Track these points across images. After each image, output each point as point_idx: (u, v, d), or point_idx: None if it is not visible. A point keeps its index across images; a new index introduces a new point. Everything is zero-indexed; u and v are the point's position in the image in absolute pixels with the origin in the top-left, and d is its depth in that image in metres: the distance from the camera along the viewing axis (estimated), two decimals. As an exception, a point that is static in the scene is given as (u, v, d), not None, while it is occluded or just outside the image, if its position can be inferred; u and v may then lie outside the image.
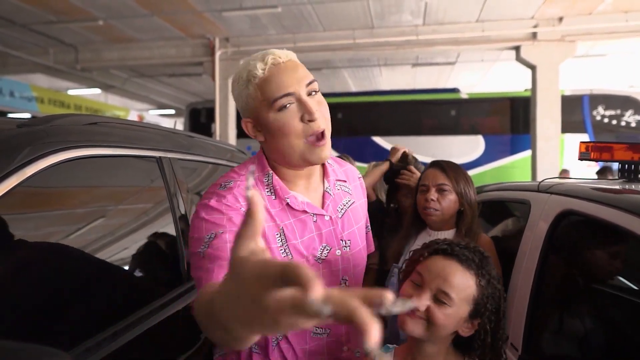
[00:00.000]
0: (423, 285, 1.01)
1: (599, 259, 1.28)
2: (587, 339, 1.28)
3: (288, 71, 0.97)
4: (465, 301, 0.98)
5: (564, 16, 7.41)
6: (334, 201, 1.14)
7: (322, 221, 1.10)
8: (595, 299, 1.31)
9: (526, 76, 8.37)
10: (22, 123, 1.11)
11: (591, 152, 1.46)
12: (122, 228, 1.36)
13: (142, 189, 1.52)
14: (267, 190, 1.05)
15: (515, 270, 1.46)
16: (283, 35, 8.36)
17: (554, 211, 1.36)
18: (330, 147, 1.02)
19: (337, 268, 1.12)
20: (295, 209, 1.06)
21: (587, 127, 9.17)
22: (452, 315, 0.97)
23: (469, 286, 0.99)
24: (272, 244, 1.03)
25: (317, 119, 0.96)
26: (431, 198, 1.62)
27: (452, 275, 0.98)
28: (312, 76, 1.01)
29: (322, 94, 1.06)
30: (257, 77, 0.97)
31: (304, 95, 0.97)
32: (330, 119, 1.11)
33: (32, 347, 0.56)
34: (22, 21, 7.86)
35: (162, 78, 12.16)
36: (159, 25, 8.08)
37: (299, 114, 0.97)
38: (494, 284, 1.02)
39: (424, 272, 1.02)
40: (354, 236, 1.17)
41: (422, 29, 7.95)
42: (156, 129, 1.72)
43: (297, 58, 1.04)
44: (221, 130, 8.78)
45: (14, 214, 0.98)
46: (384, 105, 10.32)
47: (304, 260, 1.05)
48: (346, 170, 1.27)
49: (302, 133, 0.98)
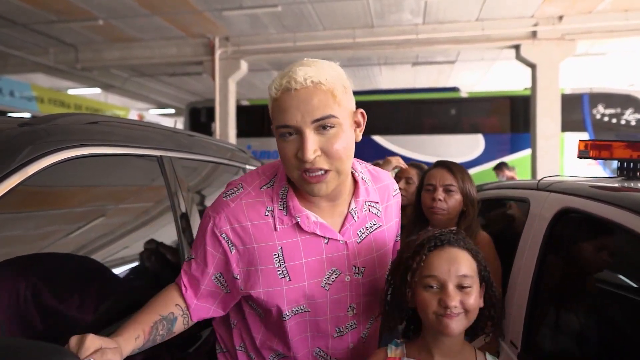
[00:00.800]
0: (442, 283, 1.00)
1: (599, 257, 1.29)
2: (586, 336, 1.28)
3: (298, 101, 0.88)
4: (476, 275, 1.04)
5: (564, 15, 7.40)
6: (355, 225, 1.07)
7: (336, 244, 1.04)
8: (594, 296, 1.32)
9: (526, 75, 8.37)
10: (24, 122, 1.11)
11: (590, 150, 1.46)
12: (122, 227, 1.36)
13: (143, 188, 1.53)
14: (280, 204, 1.01)
15: (514, 268, 1.47)
16: (283, 35, 8.35)
17: (553, 209, 1.37)
18: (333, 184, 0.94)
19: (344, 294, 1.07)
20: (305, 229, 1.01)
21: (587, 125, 9.18)
22: (476, 294, 1.02)
23: (472, 261, 1.04)
24: (267, 265, 1.00)
25: (309, 159, 0.88)
26: (439, 198, 1.66)
27: (459, 259, 1.02)
28: (331, 107, 0.89)
29: None
30: (272, 96, 0.93)
31: (307, 130, 0.88)
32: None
33: (35, 344, 0.57)
34: (23, 21, 7.86)
35: (162, 77, 12.16)
36: (159, 25, 8.08)
37: (296, 147, 0.90)
38: (477, 249, 1.10)
39: (434, 271, 1.01)
40: (370, 263, 1.10)
41: (422, 27, 7.95)
42: (157, 128, 1.73)
43: (328, 73, 0.91)
44: (221, 129, 8.79)
45: (15, 212, 0.99)
46: (384, 104, 10.31)
47: (303, 284, 1.02)
48: (382, 187, 1.17)
49: (296, 165, 0.92)
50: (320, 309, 1.06)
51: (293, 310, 1.04)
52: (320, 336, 1.09)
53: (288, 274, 1.01)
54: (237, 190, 1.03)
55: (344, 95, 0.93)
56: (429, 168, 1.82)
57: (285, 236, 1.00)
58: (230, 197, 1.03)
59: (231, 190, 1.04)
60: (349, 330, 1.11)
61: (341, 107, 0.92)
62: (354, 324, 1.11)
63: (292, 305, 1.03)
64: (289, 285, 1.01)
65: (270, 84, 0.93)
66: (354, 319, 1.11)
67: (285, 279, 1.01)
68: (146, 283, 1.41)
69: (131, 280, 1.35)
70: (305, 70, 0.89)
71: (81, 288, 1.12)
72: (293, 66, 0.92)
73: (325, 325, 1.08)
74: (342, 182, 0.98)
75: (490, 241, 1.63)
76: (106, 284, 1.23)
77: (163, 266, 1.50)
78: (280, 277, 1.01)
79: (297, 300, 1.03)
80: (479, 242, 1.58)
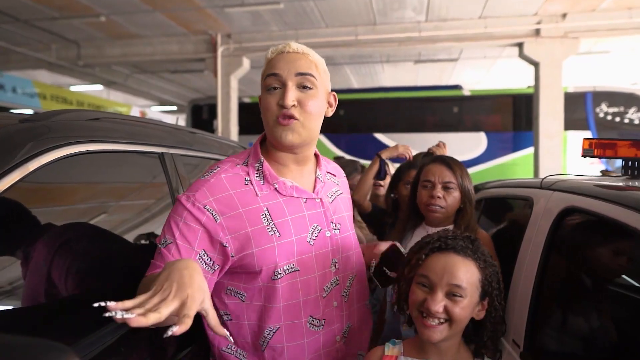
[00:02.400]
0: (432, 286, 1.01)
1: (602, 256, 1.28)
2: (589, 336, 1.27)
3: (289, 58, 1.09)
4: (475, 287, 1.01)
5: (567, 13, 7.37)
6: (324, 187, 1.21)
7: (312, 203, 1.16)
8: (598, 296, 1.31)
9: (529, 73, 8.34)
10: (25, 118, 1.11)
11: (595, 149, 1.45)
12: (124, 224, 1.36)
13: (145, 184, 1.52)
14: (257, 176, 1.12)
15: (517, 267, 1.46)
16: (285, 32, 8.34)
17: (557, 208, 1.36)
18: (297, 135, 1.08)
19: (327, 249, 1.16)
20: (283, 193, 1.12)
21: (590, 124, 9.14)
22: (467, 306, 1.00)
23: (473, 272, 1.02)
24: (257, 225, 1.06)
25: (288, 106, 1.04)
26: (437, 195, 1.60)
27: (456, 268, 1.00)
28: (313, 71, 1.09)
29: None
30: (267, 58, 1.12)
31: (290, 82, 1.06)
32: (332, 115, 1.19)
33: (34, 341, 0.56)
34: (25, 17, 7.86)
35: (164, 74, 12.16)
36: (161, 22, 8.07)
37: (278, 97, 1.06)
38: (490, 262, 1.07)
39: (429, 273, 1.03)
40: (343, 221, 1.24)
41: (425, 25, 7.93)
42: (159, 124, 1.72)
43: (315, 55, 1.13)
44: (223, 126, 8.78)
45: (16, 210, 0.98)
46: (386, 102, 10.29)
47: (291, 239, 1.09)
48: (336, 167, 1.39)
49: (275, 113, 1.07)
50: (308, 266, 1.12)
51: (285, 268, 1.08)
52: (310, 300, 1.12)
53: (277, 230, 1.08)
54: (214, 170, 1.12)
55: (324, 75, 1.14)
56: (425, 163, 1.74)
57: (267, 199, 1.10)
58: (207, 175, 1.11)
59: (208, 172, 1.13)
60: (333, 287, 1.17)
61: (320, 79, 1.11)
62: (336, 280, 1.19)
63: (284, 262, 1.08)
64: (279, 241, 1.08)
65: (267, 51, 1.13)
66: (336, 275, 1.19)
67: (275, 234, 1.08)
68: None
69: (131, 277, 1.34)
70: (299, 44, 1.12)
71: (82, 284, 1.12)
72: (288, 42, 1.14)
73: (314, 284, 1.13)
74: (306, 142, 1.12)
75: (490, 241, 1.61)
76: (106, 280, 1.23)
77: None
78: (270, 233, 1.07)
79: (287, 257, 1.09)
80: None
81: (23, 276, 0.96)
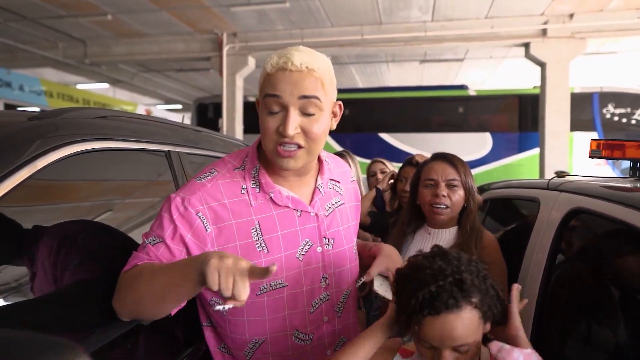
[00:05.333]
0: (437, 349, 0.94)
1: (609, 257, 1.27)
2: (595, 338, 1.27)
3: (290, 80, 0.96)
4: (477, 327, 0.94)
5: (575, 13, 7.33)
6: (322, 199, 1.15)
7: (307, 217, 1.10)
8: (605, 298, 1.30)
9: (535, 73, 8.30)
10: (33, 116, 1.11)
11: (602, 150, 1.44)
12: (130, 221, 1.37)
13: (151, 182, 1.53)
14: (253, 183, 1.07)
15: (523, 269, 1.45)
16: (291, 31, 8.34)
17: (564, 209, 1.35)
18: (302, 161, 1.02)
19: (317, 265, 1.12)
20: (278, 203, 1.07)
21: (597, 125, 9.09)
22: (472, 350, 0.94)
23: (472, 319, 0.93)
24: (246, 239, 1.03)
25: (289, 136, 0.97)
26: (442, 194, 1.52)
27: (454, 331, 0.91)
28: (318, 93, 0.98)
29: None
30: (266, 71, 1.00)
31: (293, 107, 0.97)
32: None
33: (30, 335, 0.55)
34: (32, 15, 7.91)
35: (170, 73, 12.20)
36: (167, 20, 8.10)
37: (278, 122, 0.98)
38: (486, 289, 0.96)
39: (430, 340, 0.94)
40: (338, 235, 1.17)
41: (431, 25, 7.91)
42: (165, 123, 1.73)
43: (321, 68, 1.00)
44: (228, 125, 8.80)
45: (25, 206, 0.99)
46: (391, 101, 10.28)
47: (280, 256, 1.05)
48: (342, 172, 1.28)
49: (274, 139, 1.00)
50: (296, 281, 1.09)
51: (271, 284, 1.06)
52: (296, 314, 1.10)
53: (266, 246, 1.05)
54: (212, 174, 1.08)
55: (330, 87, 1.03)
56: (426, 161, 1.67)
57: (261, 211, 1.06)
58: (205, 179, 1.06)
59: (205, 174, 1.08)
60: (322, 302, 1.14)
61: (326, 96, 1.01)
62: (326, 295, 1.15)
63: (270, 278, 1.04)
64: (267, 257, 1.05)
65: (266, 60, 1.01)
66: (327, 290, 1.14)
67: (263, 251, 1.04)
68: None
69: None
70: (302, 57, 0.97)
71: (85, 281, 1.12)
72: (290, 49, 1.00)
73: (301, 299, 1.10)
74: (310, 162, 1.07)
75: (496, 243, 1.54)
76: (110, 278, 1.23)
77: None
78: (258, 249, 1.04)
79: (274, 273, 1.05)
80: (485, 244, 1.51)
81: (29, 272, 0.97)
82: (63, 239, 1.08)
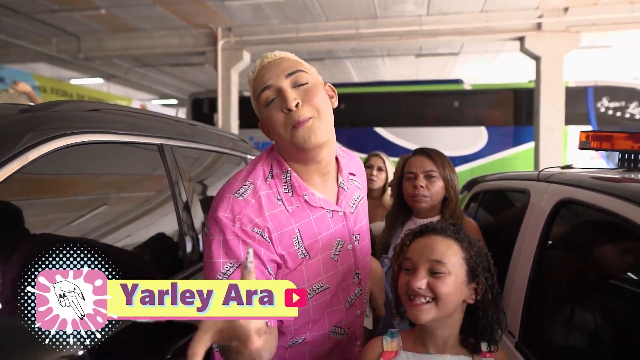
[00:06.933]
0: (415, 266, 1.04)
1: (598, 247, 1.29)
2: (584, 327, 1.29)
3: (271, 67, 1.04)
4: (458, 264, 1.02)
5: (569, 6, 7.33)
6: (347, 197, 1.16)
7: (337, 217, 1.12)
8: (593, 288, 1.32)
9: (530, 67, 8.31)
10: (25, 109, 1.11)
11: (591, 142, 1.46)
12: (123, 215, 1.37)
13: (143, 176, 1.53)
14: (285, 188, 1.06)
15: (513, 258, 1.47)
16: (286, 25, 8.30)
17: (553, 200, 1.37)
18: (320, 132, 1.01)
19: (350, 262, 1.14)
20: (313, 205, 1.07)
21: (591, 119, 9.12)
22: (452, 282, 1.00)
23: (455, 250, 1.03)
24: (289, 248, 1.03)
25: (293, 108, 0.99)
26: (420, 185, 1.65)
27: (436, 244, 1.03)
28: (300, 67, 1.04)
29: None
30: (250, 79, 1.07)
31: (285, 86, 1.01)
32: (333, 110, 1.12)
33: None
34: (25, 10, 7.84)
35: (165, 68, 12.13)
36: (162, 15, 8.04)
37: (280, 105, 1.01)
38: (476, 244, 1.08)
39: (411, 255, 1.06)
40: (362, 230, 1.21)
41: (426, 19, 7.89)
42: (158, 116, 1.73)
43: (293, 55, 1.08)
44: (223, 120, 8.78)
45: (15, 199, 0.99)
46: (387, 96, 10.26)
47: (318, 259, 1.07)
48: (356, 164, 1.30)
49: (285, 123, 1.01)
50: (335, 282, 1.11)
51: (314, 288, 1.08)
52: (336, 312, 1.13)
53: (307, 253, 1.06)
54: (250, 187, 1.04)
55: (311, 69, 1.09)
56: (408, 156, 1.80)
57: (299, 218, 1.06)
58: (245, 194, 1.02)
59: (243, 188, 1.04)
60: (357, 297, 1.18)
61: (310, 73, 1.06)
62: (359, 291, 1.18)
63: (312, 283, 1.07)
64: (307, 262, 1.07)
65: (248, 74, 1.09)
66: (359, 286, 1.18)
67: (305, 257, 1.06)
68: (147, 270, 1.42)
69: (132, 268, 1.36)
70: (275, 53, 1.07)
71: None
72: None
73: (340, 298, 1.13)
74: (330, 140, 1.06)
75: (477, 227, 1.66)
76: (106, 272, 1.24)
77: (163, 254, 1.51)
78: (300, 257, 1.05)
79: (315, 277, 1.07)
80: (465, 228, 1.57)
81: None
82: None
